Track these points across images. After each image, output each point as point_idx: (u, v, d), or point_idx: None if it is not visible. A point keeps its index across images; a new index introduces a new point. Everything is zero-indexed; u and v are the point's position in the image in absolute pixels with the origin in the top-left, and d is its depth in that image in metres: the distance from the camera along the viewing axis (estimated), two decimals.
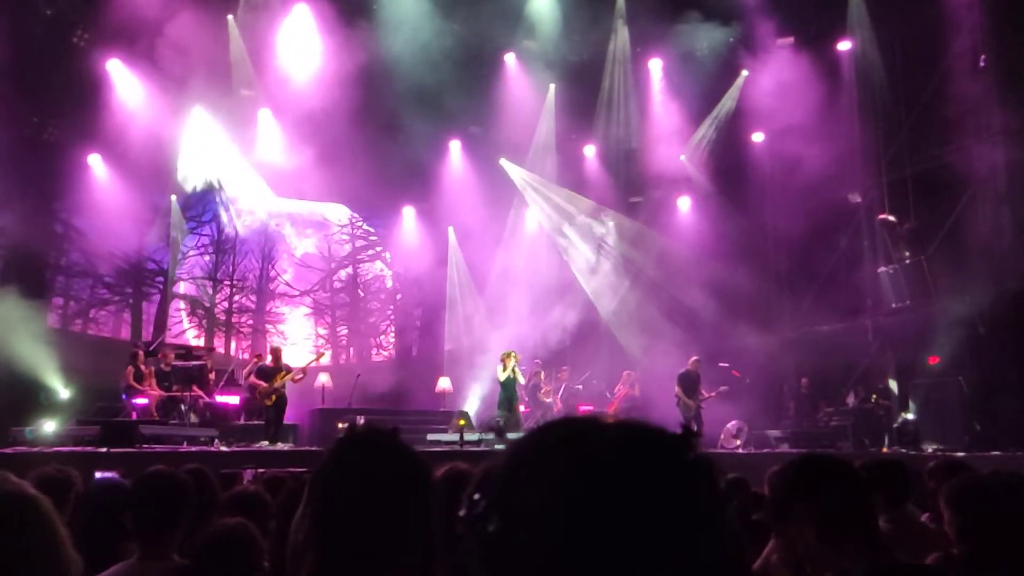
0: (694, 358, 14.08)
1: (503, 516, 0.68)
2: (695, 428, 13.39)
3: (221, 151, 16.78)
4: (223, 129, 16.49)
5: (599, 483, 0.66)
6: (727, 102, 17.72)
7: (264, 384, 12.19)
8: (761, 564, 3.22)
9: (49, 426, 10.89)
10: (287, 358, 13.08)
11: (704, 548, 0.66)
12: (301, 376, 12.89)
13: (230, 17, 15.77)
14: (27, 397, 12.45)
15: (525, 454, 0.71)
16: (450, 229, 19.01)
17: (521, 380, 13.48)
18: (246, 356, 18.81)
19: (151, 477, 2.82)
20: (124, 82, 15.10)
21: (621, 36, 17.68)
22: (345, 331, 21.71)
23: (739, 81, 17.44)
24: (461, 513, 0.71)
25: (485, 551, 0.68)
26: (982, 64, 14.10)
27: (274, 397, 12.13)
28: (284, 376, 12.31)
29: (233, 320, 21.00)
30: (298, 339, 20.36)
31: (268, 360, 12.76)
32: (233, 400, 13.55)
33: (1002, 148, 13.61)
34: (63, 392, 13.12)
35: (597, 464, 0.67)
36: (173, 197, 17.49)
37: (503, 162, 18.43)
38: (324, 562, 1.44)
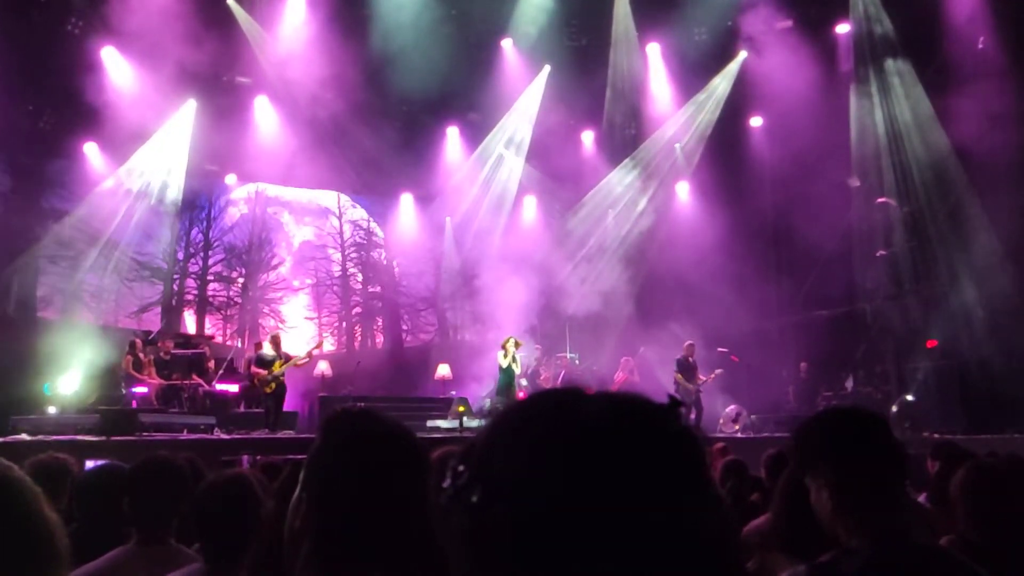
0: (688, 343, 14.12)
1: (486, 486, 0.68)
2: (694, 412, 13.44)
3: (218, 139, 16.67)
4: (219, 116, 16.39)
5: (582, 452, 0.66)
6: (723, 83, 17.61)
7: (263, 372, 12.20)
8: (755, 538, 3.22)
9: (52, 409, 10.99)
10: (287, 345, 13.07)
11: (688, 518, 0.66)
12: (305, 360, 12.93)
13: (230, 1, 15.64)
14: (28, 388, 12.50)
15: (508, 425, 0.71)
16: (447, 219, 18.99)
17: (517, 369, 13.48)
18: (230, 343, 18.16)
19: (150, 462, 2.83)
20: (119, 70, 15.04)
21: (620, 21, 17.56)
22: (358, 310, 20.90)
23: (735, 63, 17.33)
24: (445, 484, 0.71)
25: (469, 522, 0.67)
26: (981, 46, 14.04)
27: (273, 385, 12.13)
28: (283, 364, 12.31)
29: (209, 294, 18.64)
30: (298, 322, 19.76)
31: (267, 348, 12.76)
32: (232, 388, 13.57)
33: (1002, 130, 13.57)
34: (66, 383, 13.14)
35: (580, 433, 0.67)
36: (170, 188, 17.35)
37: (502, 150, 18.39)
38: (322, 546, 1.43)
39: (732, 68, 17.39)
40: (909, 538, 1.79)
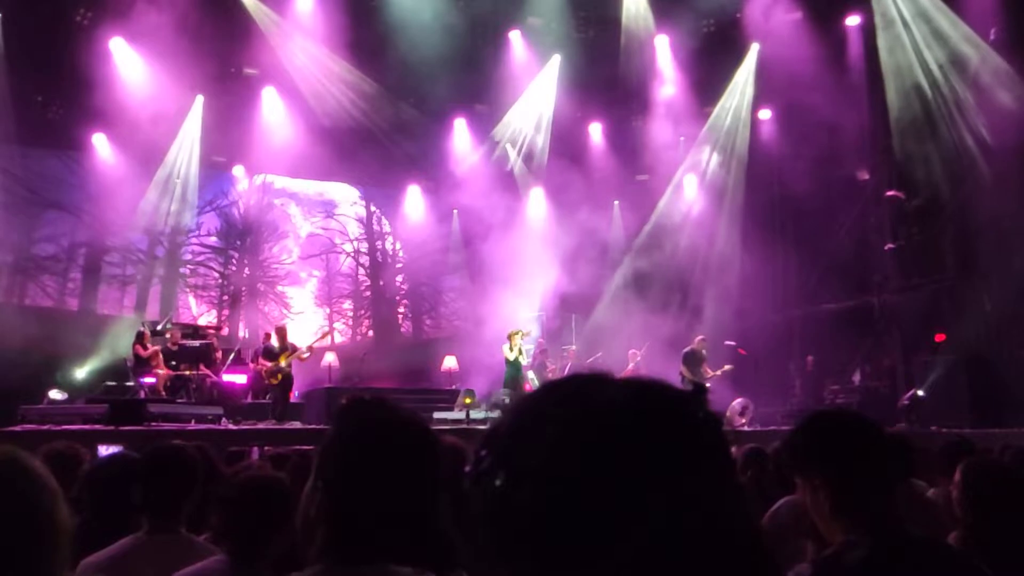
0: (700, 337, 14.07)
1: (509, 471, 0.67)
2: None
3: (225, 130, 16.66)
4: (227, 108, 16.39)
5: (607, 436, 0.66)
6: (740, 78, 17.51)
7: (269, 363, 12.23)
8: (770, 522, 3.23)
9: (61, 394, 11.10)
10: (296, 334, 13.08)
11: (712, 505, 0.66)
12: (307, 355, 12.93)
13: None
14: (42, 376, 12.60)
15: (532, 408, 0.71)
16: (455, 211, 18.98)
17: (524, 361, 13.50)
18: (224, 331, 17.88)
19: (161, 451, 2.83)
20: (127, 61, 15.04)
21: (630, 12, 17.48)
22: (367, 297, 20.63)
23: (750, 56, 17.23)
24: (467, 469, 0.71)
25: (491, 507, 0.67)
26: (992, 37, 13.94)
27: (280, 376, 12.15)
28: (289, 355, 12.33)
29: (190, 270, 17.87)
30: (306, 311, 19.56)
31: (274, 339, 12.79)
32: (240, 379, 13.61)
33: (1012, 123, 13.47)
34: (79, 372, 13.24)
35: (605, 417, 0.67)
36: (177, 181, 17.35)
37: (508, 142, 18.38)
38: (336, 532, 1.45)
39: (750, 59, 17.27)
40: (907, 531, 1.85)
